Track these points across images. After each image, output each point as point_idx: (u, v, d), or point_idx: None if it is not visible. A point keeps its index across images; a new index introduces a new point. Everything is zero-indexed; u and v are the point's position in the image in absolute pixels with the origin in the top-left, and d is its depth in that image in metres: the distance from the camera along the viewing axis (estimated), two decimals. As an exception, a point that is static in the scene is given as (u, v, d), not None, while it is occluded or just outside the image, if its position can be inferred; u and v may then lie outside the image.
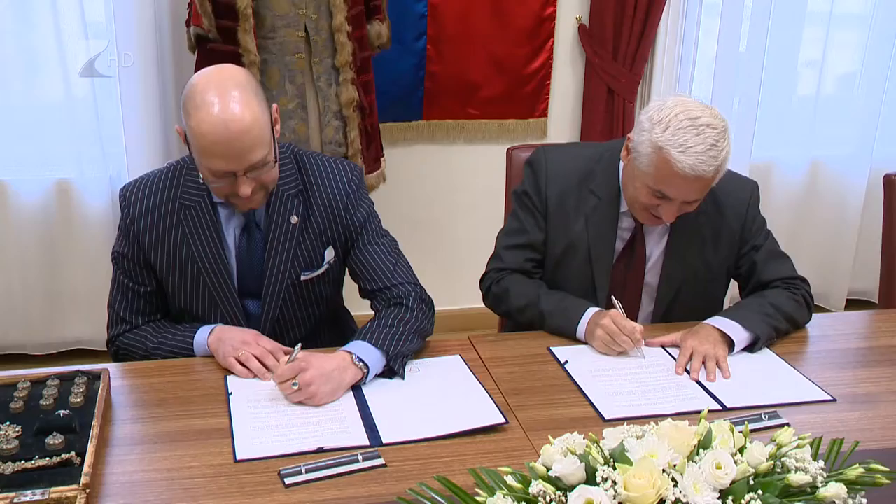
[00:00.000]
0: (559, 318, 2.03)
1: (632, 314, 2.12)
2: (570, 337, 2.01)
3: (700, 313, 2.05)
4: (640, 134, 1.92)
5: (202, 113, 1.70)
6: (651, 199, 1.94)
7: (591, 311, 2.00)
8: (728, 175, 2.05)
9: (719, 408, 1.74)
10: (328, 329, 2.12)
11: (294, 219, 1.92)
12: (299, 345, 1.76)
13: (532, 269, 2.17)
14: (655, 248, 2.12)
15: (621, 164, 2.08)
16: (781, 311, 2.03)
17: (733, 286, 2.27)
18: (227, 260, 1.92)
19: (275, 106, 1.84)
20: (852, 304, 4.10)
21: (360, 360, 1.76)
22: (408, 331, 1.85)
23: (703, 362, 1.88)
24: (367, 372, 1.76)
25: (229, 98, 1.70)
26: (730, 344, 1.94)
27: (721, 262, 2.15)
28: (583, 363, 1.90)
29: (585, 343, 1.98)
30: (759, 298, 2.07)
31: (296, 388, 1.68)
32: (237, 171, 1.74)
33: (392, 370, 1.80)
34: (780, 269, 2.13)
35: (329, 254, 1.98)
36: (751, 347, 1.97)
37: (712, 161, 1.84)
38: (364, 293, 2.02)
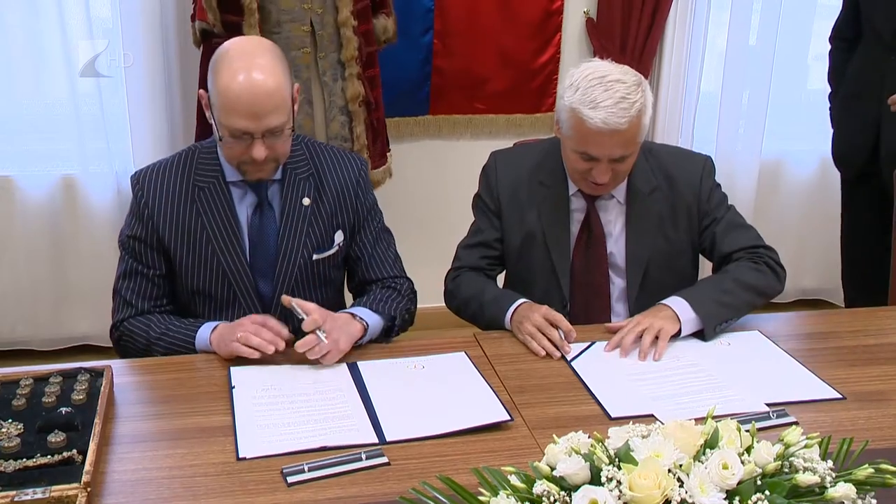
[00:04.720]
0: (493, 306, 2.06)
1: (603, 294, 2.15)
2: (500, 327, 2.03)
3: (673, 291, 2.04)
4: (560, 102, 1.99)
5: (230, 72, 1.79)
6: (580, 164, 1.99)
7: (522, 300, 2.03)
8: (680, 151, 2.24)
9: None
10: None
11: (306, 200, 1.99)
12: (324, 333, 1.81)
13: (486, 265, 2.22)
14: (614, 228, 2.14)
15: None
16: (742, 283, 2.02)
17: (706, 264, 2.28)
18: (241, 238, 1.97)
19: (297, 86, 1.91)
20: (863, 300, 4.06)
21: (361, 318, 1.89)
22: (399, 301, 2.03)
23: (642, 335, 1.89)
24: (367, 329, 1.89)
25: (258, 62, 1.80)
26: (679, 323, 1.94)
27: (683, 237, 2.16)
28: (590, 360, 1.88)
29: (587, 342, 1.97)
30: (721, 275, 2.08)
31: (323, 335, 1.78)
32: (255, 133, 1.81)
33: (391, 329, 1.96)
34: (740, 240, 2.12)
35: (339, 236, 2.05)
36: (702, 332, 1.97)
37: (623, 113, 1.88)
38: (358, 283, 2.11)
